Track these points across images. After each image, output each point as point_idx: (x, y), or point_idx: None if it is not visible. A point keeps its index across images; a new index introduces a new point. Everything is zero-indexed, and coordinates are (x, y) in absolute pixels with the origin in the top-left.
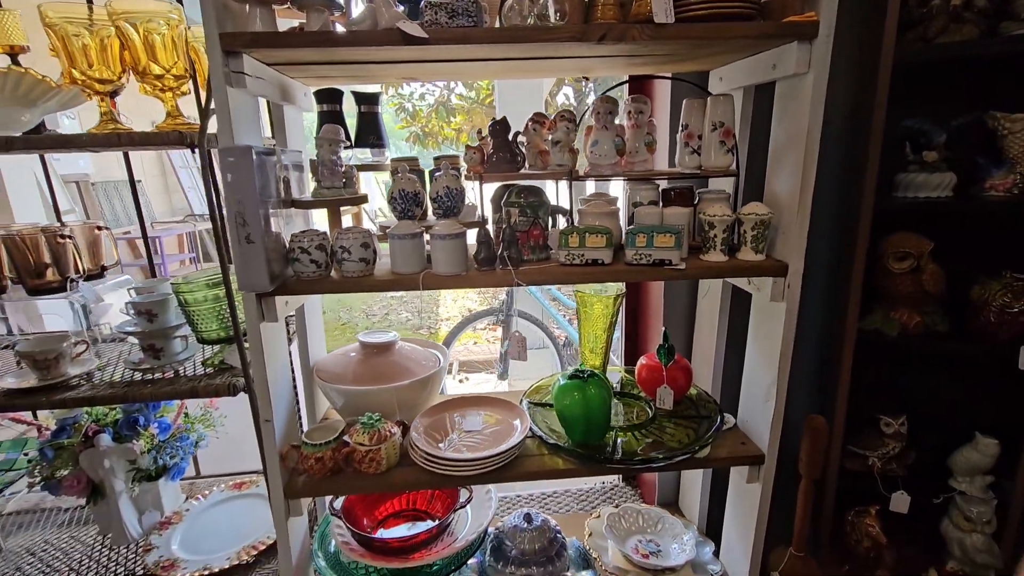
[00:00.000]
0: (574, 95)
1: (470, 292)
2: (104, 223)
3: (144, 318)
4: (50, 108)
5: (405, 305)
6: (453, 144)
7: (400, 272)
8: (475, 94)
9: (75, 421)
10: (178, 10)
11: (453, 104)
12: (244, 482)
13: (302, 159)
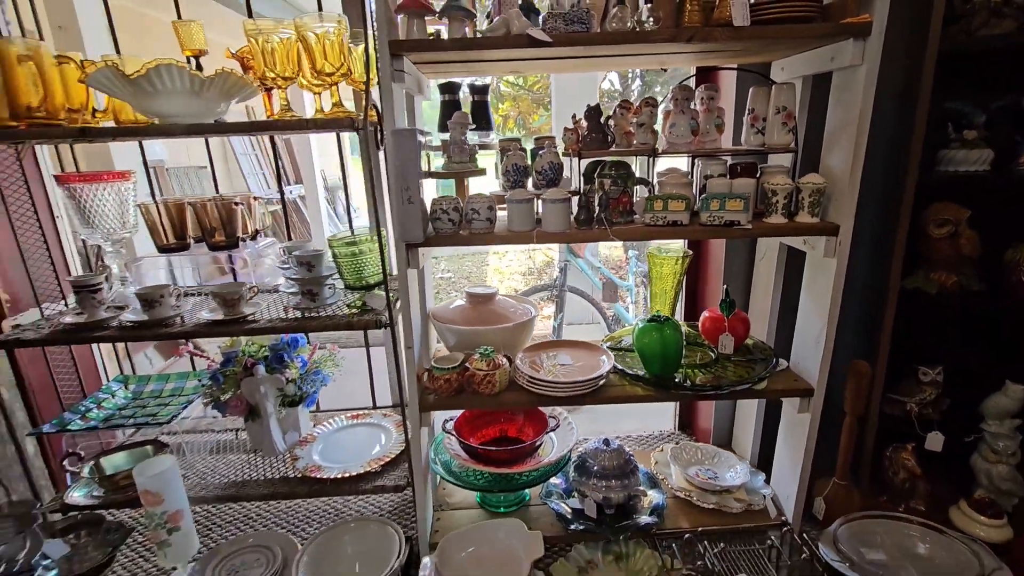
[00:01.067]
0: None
1: (515, 273)
2: (260, 197)
3: (304, 268)
4: (235, 100)
5: (453, 285)
6: (500, 130)
7: (516, 230)
8: (522, 81)
9: (236, 355)
10: (344, 20)
11: (502, 91)
12: (358, 414)
13: (431, 139)
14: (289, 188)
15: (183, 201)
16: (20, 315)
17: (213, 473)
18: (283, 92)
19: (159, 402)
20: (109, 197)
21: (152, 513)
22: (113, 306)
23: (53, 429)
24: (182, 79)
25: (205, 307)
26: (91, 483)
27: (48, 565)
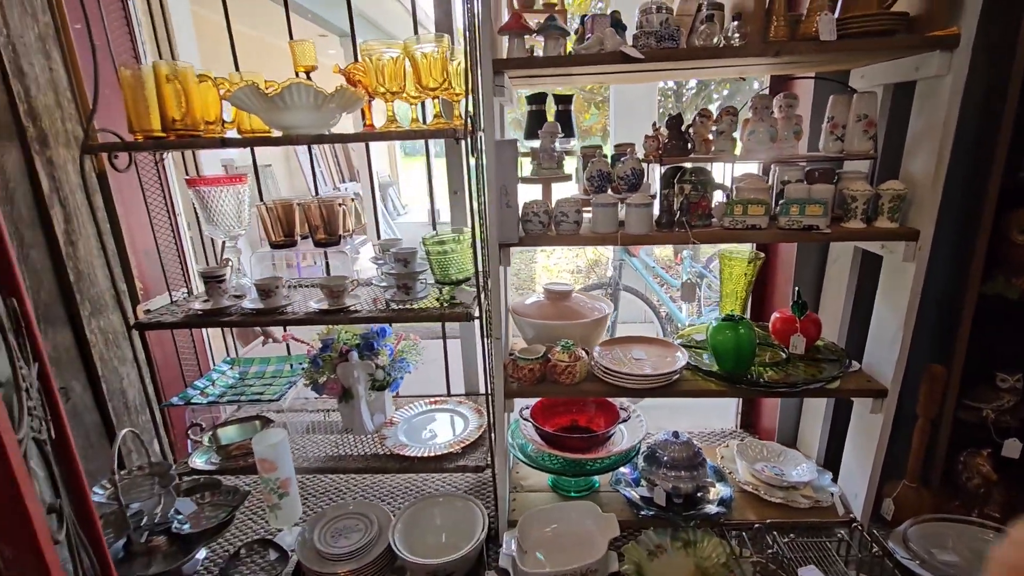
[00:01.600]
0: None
1: (563, 271)
2: (355, 196)
3: (400, 264)
4: (347, 112)
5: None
6: None
7: (600, 231)
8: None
9: (333, 341)
10: (446, 39)
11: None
12: (435, 400)
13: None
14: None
15: (292, 202)
16: (148, 302)
17: (312, 447)
18: (390, 104)
19: (263, 382)
20: (228, 198)
21: (267, 479)
22: (233, 295)
23: (181, 402)
24: (308, 95)
25: (311, 297)
26: (209, 451)
27: (181, 520)
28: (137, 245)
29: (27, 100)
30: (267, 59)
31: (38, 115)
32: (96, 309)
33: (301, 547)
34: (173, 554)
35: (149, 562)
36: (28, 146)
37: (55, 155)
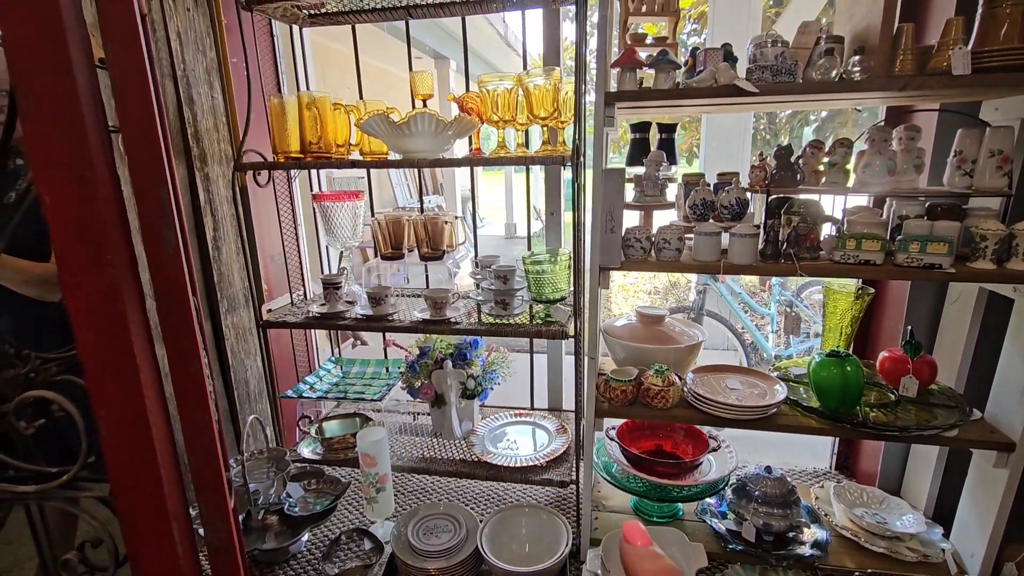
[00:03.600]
0: None
1: (640, 292)
2: (458, 215)
3: (500, 280)
4: (462, 137)
5: None
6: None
7: (702, 260)
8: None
9: (430, 349)
10: (557, 71)
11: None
12: (520, 412)
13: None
14: (428, 198)
15: (401, 218)
16: (271, 302)
17: (404, 447)
18: (501, 131)
19: (363, 382)
20: (346, 212)
21: (368, 473)
22: (346, 300)
23: (294, 395)
24: (431, 124)
25: (415, 307)
26: (314, 442)
27: (291, 503)
28: (265, 250)
29: (194, 124)
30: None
31: (201, 137)
32: (231, 307)
33: (395, 540)
34: (283, 533)
35: (263, 537)
36: (192, 164)
37: (211, 171)
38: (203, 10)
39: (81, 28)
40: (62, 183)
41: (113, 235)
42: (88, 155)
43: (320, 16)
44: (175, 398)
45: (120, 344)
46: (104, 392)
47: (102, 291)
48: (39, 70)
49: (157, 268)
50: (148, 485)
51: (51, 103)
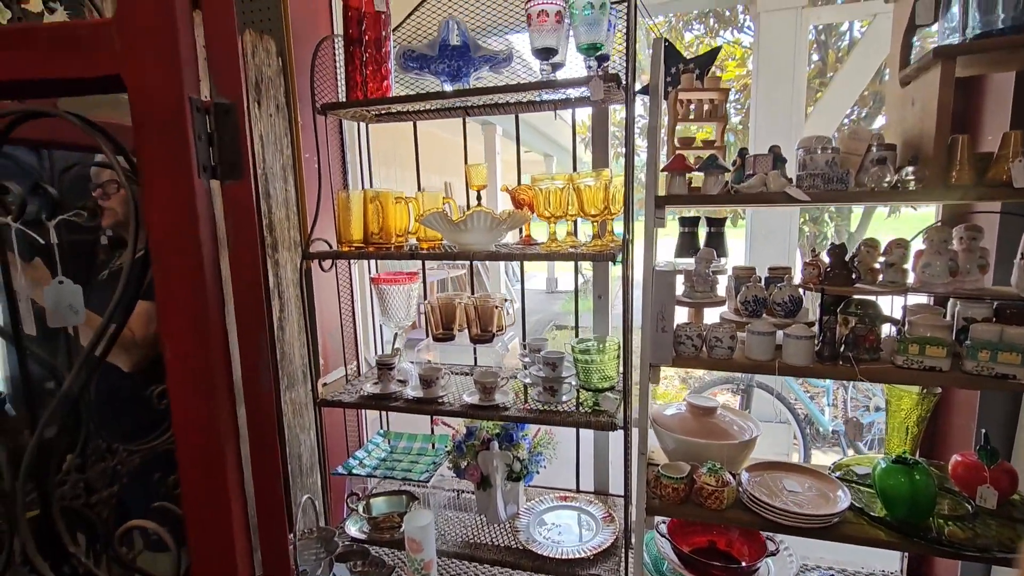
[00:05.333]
0: None
1: None
2: (508, 298)
3: (549, 367)
4: (515, 230)
5: None
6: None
7: (755, 358)
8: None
9: (477, 429)
10: (607, 172)
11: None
12: (565, 496)
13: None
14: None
15: (453, 301)
16: (326, 375)
17: (450, 526)
18: (553, 226)
19: (410, 458)
20: (401, 294)
21: (413, 559)
22: (398, 379)
23: (344, 472)
24: (485, 220)
25: (465, 387)
26: (361, 520)
27: None
28: (324, 327)
29: (269, 215)
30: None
31: (274, 227)
32: (291, 383)
33: None
34: None
35: None
36: (264, 251)
37: (280, 257)
38: (283, 114)
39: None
40: (186, 341)
41: (222, 386)
42: (207, 319)
43: (384, 115)
44: (257, 522)
45: (217, 480)
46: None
47: (205, 426)
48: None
49: (254, 403)
50: None
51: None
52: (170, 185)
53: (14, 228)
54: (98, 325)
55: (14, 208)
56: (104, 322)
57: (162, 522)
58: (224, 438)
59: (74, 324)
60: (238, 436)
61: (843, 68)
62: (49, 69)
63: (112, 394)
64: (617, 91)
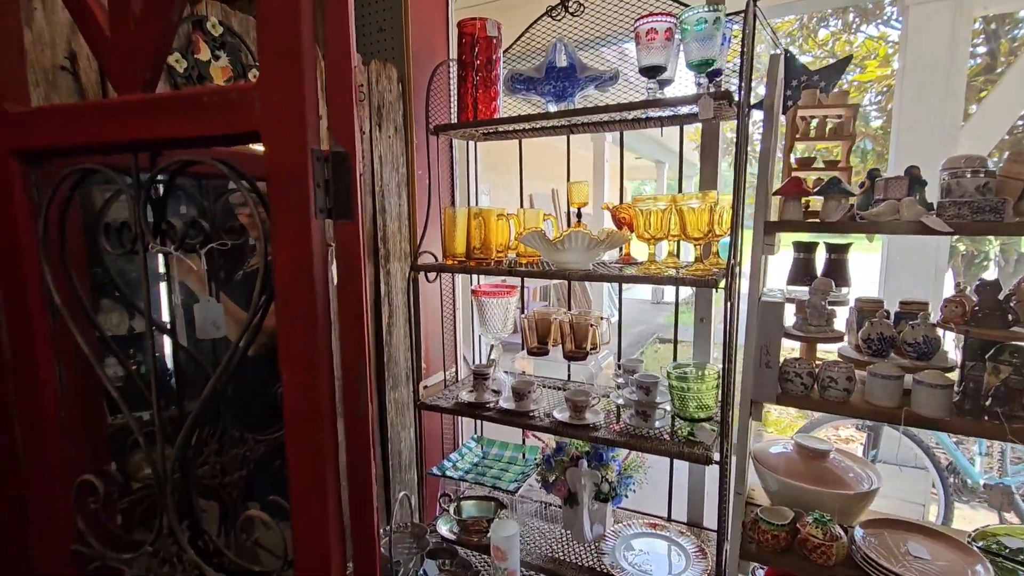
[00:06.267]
0: None
1: None
2: (604, 316)
3: (642, 391)
4: (612, 249)
5: None
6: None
7: (877, 404)
8: None
9: (566, 445)
10: (713, 194)
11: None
12: (655, 523)
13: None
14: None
15: (549, 316)
16: (427, 379)
17: (536, 538)
18: (652, 247)
19: (500, 466)
20: (499, 307)
21: (498, 567)
22: (492, 390)
23: (438, 473)
24: (583, 240)
25: (556, 403)
26: (451, 521)
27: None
28: (427, 333)
29: (383, 228)
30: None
31: (387, 239)
32: (395, 384)
33: None
34: None
35: None
36: (378, 262)
37: (392, 267)
38: (400, 135)
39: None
40: (301, 367)
41: (326, 412)
42: (316, 344)
43: (492, 134)
44: (350, 521)
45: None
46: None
47: (317, 462)
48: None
49: (353, 425)
50: None
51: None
52: (293, 221)
53: (175, 256)
54: (243, 321)
55: (176, 240)
56: (248, 318)
57: (272, 507)
58: (325, 448)
59: (215, 337)
60: (337, 444)
61: (1018, 61)
62: (209, 127)
63: (242, 390)
64: (729, 108)
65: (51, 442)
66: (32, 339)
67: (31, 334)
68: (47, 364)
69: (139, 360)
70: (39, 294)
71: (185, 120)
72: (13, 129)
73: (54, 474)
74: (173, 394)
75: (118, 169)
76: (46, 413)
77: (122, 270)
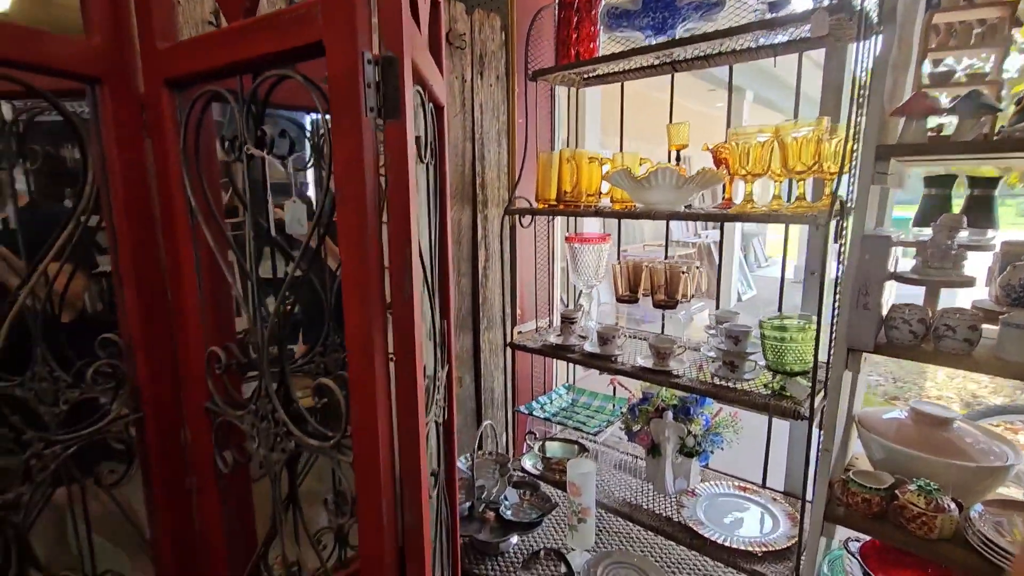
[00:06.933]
0: None
1: (972, 381)
2: (700, 264)
3: (732, 340)
4: (706, 190)
5: (876, 367)
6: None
7: (1009, 359)
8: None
9: (652, 396)
10: (824, 122)
11: None
12: (746, 487)
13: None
14: (706, 233)
15: (642, 263)
16: (522, 324)
17: (615, 484)
18: (750, 185)
19: (587, 413)
20: (592, 254)
21: (572, 501)
22: (579, 335)
23: (526, 411)
24: (671, 178)
25: (640, 351)
26: (536, 457)
27: (507, 505)
28: (523, 280)
29: (482, 175)
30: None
31: (486, 185)
32: (489, 324)
33: (585, 574)
34: (497, 530)
35: (480, 528)
36: (476, 207)
37: (489, 213)
38: (502, 83)
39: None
40: (354, 254)
41: (375, 292)
42: (366, 228)
43: (593, 79)
44: (396, 406)
45: (368, 360)
46: (358, 389)
47: (365, 326)
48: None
49: (398, 309)
50: (372, 469)
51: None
52: (346, 119)
53: (267, 159)
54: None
55: (267, 146)
56: (317, 212)
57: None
58: (375, 321)
59: (300, 233)
60: (384, 321)
61: None
62: (286, 41)
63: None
64: (849, 23)
65: (191, 317)
66: (176, 235)
67: (175, 232)
68: (188, 256)
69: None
70: (182, 200)
71: (270, 36)
72: (163, 62)
73: (193, 344)
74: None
75: (230, 90)
76: (187, 294)
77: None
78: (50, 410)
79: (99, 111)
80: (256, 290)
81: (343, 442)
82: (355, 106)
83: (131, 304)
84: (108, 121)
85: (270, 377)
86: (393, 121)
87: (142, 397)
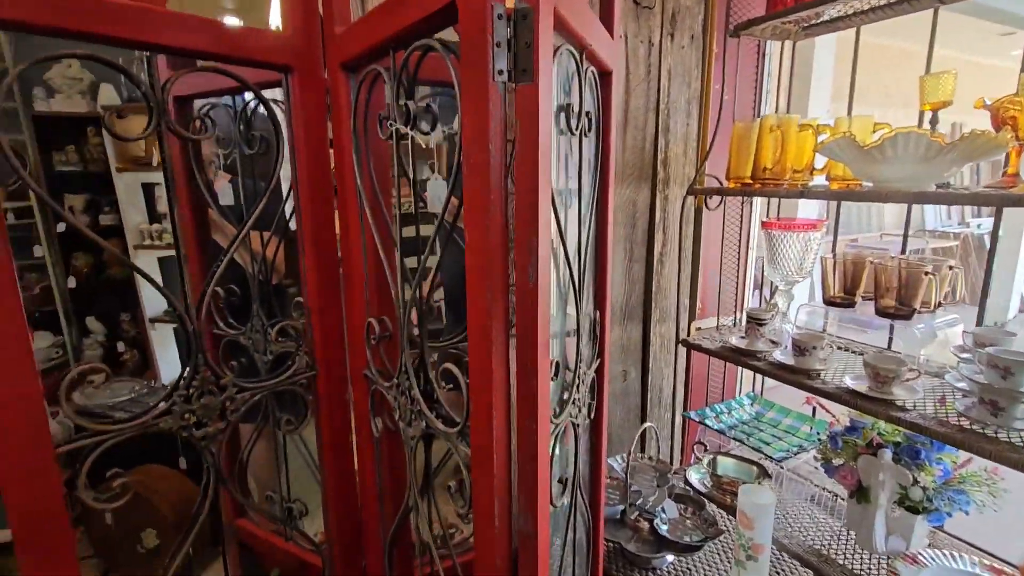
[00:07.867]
0: None
1: None
2: (956, 264)
3: (997, 372)
4: (976, 162)
5: None
6: None
7: None
8: None
9: (865, 426)
10: None
11: None
12: (996, 567)
13: None
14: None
15: (865, 258)
16: (702, 320)
17: (801, 522)
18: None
19: (773, 432)
20: (795, 243)
21: (741, 534)
22: (769, 339)
23: (696, 418)
24: (916, 146)
25: (850, 370)
26: (703, 472)
27: (663, 519)
28: (706, 271)
29: (664, 151)
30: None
31: (668, 163)
32: (662, 317)
33: None
34: (650, 543)
35: (631, 537)
36: (655, 186)
37: (670, 193)
38: (697, 44)
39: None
40: (478, 231)
41: (498, 272)
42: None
43: (817, 26)
44: (516, 402)
45: (485, 350)
46: (476, 378)
47: (485, 310)
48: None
49: (521, 294)
50: (486, 468)
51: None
52: (472, 83)
53: (410, 134)
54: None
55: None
56: (450, 181)
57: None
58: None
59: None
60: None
61: None
62: (421, 10)
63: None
64: None
65: (357, 287)
66: (347, 210)
67: (346, 207)
68: (355, 229)
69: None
70: (352, 179)
71: (408, 6)
72: (339, 46)
73: (358, 312)
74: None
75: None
76: (354, 265)
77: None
78: (261, 357)
79: (291, 97)
80: (402, 265)
81: (465, 431)
82: (482, 69)
83: (311, 272)
84: (298, 106)
85: (408, 354)
86: (524, 84)
87: (316, 356)
